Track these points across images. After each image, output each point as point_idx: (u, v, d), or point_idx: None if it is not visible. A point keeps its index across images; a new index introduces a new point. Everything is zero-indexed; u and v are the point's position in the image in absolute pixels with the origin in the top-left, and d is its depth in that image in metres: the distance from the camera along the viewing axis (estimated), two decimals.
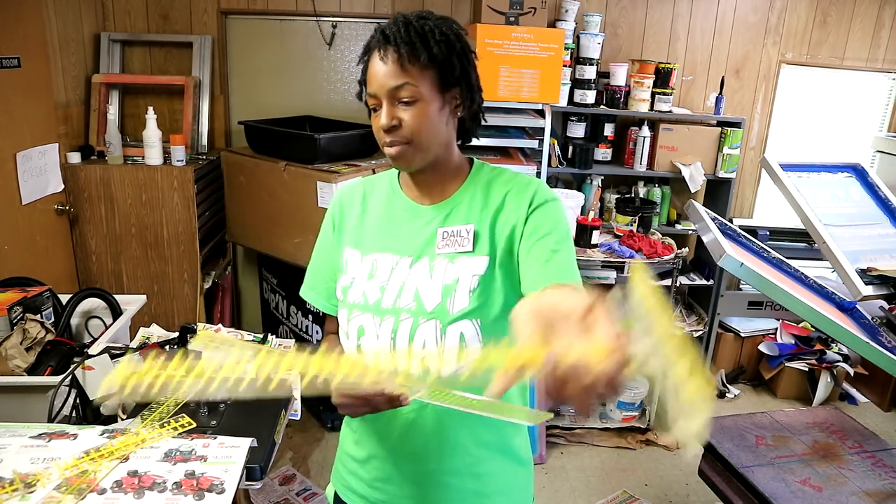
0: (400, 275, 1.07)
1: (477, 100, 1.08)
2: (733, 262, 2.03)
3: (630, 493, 2.75)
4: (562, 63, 2.92)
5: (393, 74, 0.99)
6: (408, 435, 1.09)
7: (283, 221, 2.84)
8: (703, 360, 3.68)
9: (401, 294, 1.05)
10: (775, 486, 1.92)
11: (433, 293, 1.03)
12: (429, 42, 0.99)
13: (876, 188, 2.61)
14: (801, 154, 3.75)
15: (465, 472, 1.11)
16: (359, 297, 1.09)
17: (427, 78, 1.00)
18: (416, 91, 0.99)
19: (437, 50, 0.99)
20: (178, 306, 2.95)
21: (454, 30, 1.04)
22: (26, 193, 2.42)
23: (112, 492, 1.04)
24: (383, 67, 0.99)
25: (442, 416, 1.07)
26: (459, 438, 1.09)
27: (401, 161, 1.04)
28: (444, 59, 1.01)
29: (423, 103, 1.00)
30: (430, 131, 1.02)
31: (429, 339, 1.03)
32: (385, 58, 0.99)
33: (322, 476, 2.72)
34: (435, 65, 1.00)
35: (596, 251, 2.92)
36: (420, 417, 1.07)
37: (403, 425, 1.09)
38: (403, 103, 1.00)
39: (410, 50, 0.98)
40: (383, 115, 1.01)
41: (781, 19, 3.54)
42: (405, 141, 1.02)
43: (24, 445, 1.13)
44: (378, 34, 1.01)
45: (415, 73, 0.99)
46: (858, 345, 2.04)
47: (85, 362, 1.36)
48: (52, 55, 2.66)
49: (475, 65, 1.07)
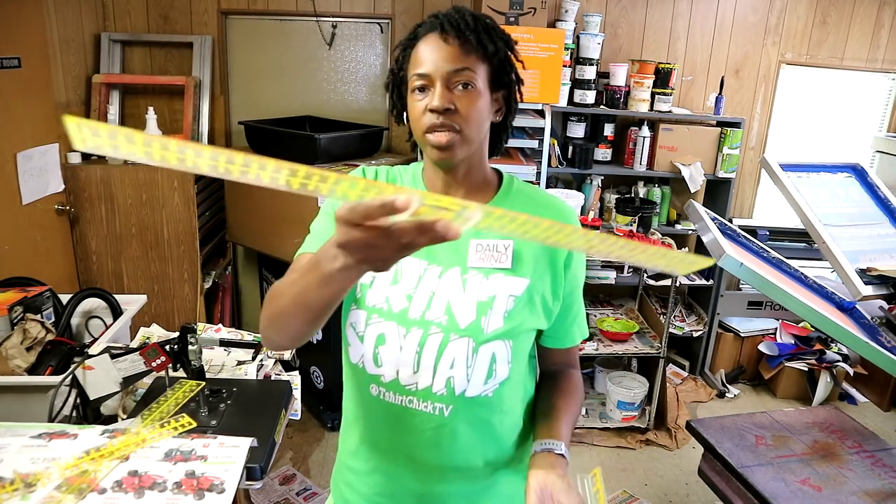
0: (429, 284, 1.00)
1: (514, 109, 1.06)
2: (733, 262, 2.03)
3: (630, 493, 2.75)
4: (562, 63, 2.92)
5: (455, 58, 0.95)
6: (420, 453, 1.04)
7: (283, 221, 2.84)
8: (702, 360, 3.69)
9: (430, 305, 0.99)
10: (775, 486, 1.92)
11: (467, 309, 0.98)
12: (493, 37, 0.97)
13: (876, 188, 2.61)
14: (800, 154, 3.75)
15: (475, 496, 1.08)
16: (381, 301, 1.01)
17: (483, 71, 0.97)
18: (475, 78, 0.96)
19: (500, 46, 0.98)
20: (179, 306, 2.95)
21: (507, 35, 1.02)
22: (27, 193, 2.42)
23: (112, 491, 1.04)
24: (445, 49, 0.95)
25: (461, 437, 1.02)
26: (473, 461, 1.05)
27: (446, 151, 0.96)
28: (502, 59, 0.99)
29: (477, 93, 0.96)
30: (479, 123, 0.98)
31: (458, 358, 0.98)
32: (448, 40, 0.95)
33: (322, 476, 2.72)
34: (492, 61, 0.98)
35: None
36: (438, 435, 1.02)
37: (418, 443, 1.03)
38: (460, 89, 0.95)
39: (476, 38, 0.95)
40: (437, 96, 0.94)
41: (781, 19, 3.54)
42: (455, 129, 0.95)
43: (25, 445, 1.13)
44: (437, 18, 0.97)
45: (475, 61, 0.96)
46: (858, 345, 2.04)
47: (85, 362, 1.36)
48: (53, 55, 2.66)
49: (520, 76, 1.05)
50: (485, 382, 1.01)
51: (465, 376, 0.99)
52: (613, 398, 3.10)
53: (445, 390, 1.00)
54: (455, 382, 0.99)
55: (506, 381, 1.03)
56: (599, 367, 3.36)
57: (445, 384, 0.99)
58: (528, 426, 1.13)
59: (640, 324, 3.27)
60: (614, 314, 3.45)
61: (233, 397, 1.43)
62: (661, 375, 3.07)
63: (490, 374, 1.01)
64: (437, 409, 1.01)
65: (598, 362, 3.39)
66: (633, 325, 3.20)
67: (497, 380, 1.02)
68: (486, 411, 1.03)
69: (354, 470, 1.12)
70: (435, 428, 1.01)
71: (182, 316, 2.95)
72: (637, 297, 3.54)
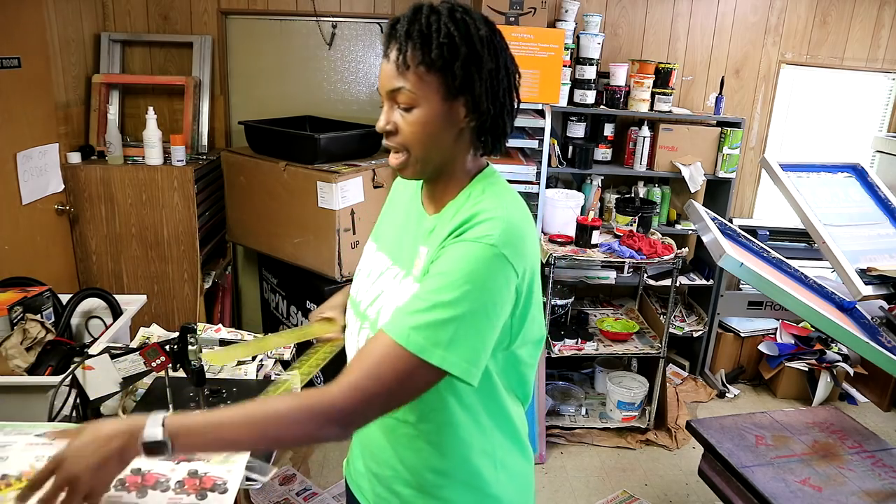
0: (382, 283, 1.05)
1: (490, 111, 0.94)
2: (733, 262, 2.04)
3: (630, 493, 2.75)
4: (562, 63, 2.92)
5: (391, 76, 0.92)
6: (372, 436, 1.08)
7: (283, 221, 2.84)
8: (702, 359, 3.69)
9: (373, 302, 1.04)
10: (775, 486, 1.92)
11: (389, 310, 0.99)
12: (430, 44, 0.89)
13: (876, 188, 2.61)
14: (800, 154, 3.75)
15: (419, 489, 1.04)
16: (354, 291, 1.12)
17: (429, 83, 0.90)
18: (412, 97, 0.91)
19: (437, 54, 0.89)
20: (178, 306, 2.95)
21: (470, 31, 0.91)
22: (26, 193, 2.42)
23: (115, 490, 1.04)
24: (385, 66, 0.93)
25: (392, 430, 1.03)
26: (412, 457, 1.03)
27: (402, 171, 0.98)
28: (444, 66, 0.90)
29: (421, 111, 0.91)
30: (427, 141, 0.93)
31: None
32: (388, 55, 0.93)
33: (322, 476, 2.72)
34: (436, 70, 0.90)
35: (596, 251, 2.92)
36: (378, 422, 0.97)
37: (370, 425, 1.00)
38: (402, 108, 0.93)
39: (411, 51, 0.89)
40: (381, 116, 0.96)
41: (781, 19, 3.54)
42: (401, 148, 0.95)
43: (30, 443, 1.14)
44: (388, 26, 0.94)
45: (414, 76, 0.90)
46: (858, 345, 2.04)
47: (85, 362, 1.36)
48: (53, 55, 2.66)
49: (497, 71, 0.93)
50: None
51: None
52: (613, 398, 3.10)
53: None
54: None
55: None
56: (599, 367, 3.36)
57: None
58: (458, 458, 1.04)
59: (641, 324, 3.28)
60: (614, 314, 3.46)
61: (233, 397, 1.43)
62: (662, 375, 3.07)
63: None
64: None
65: (598, 362, 3.39)
66: (634, 325, 3.20)
67: None
68: (406, 413, 1.00)
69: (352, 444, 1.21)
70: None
71: (182, 316, 2.95)
72: (637, 297, 3.54)
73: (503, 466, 1.07)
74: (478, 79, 0.92)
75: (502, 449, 1.07)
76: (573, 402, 3.23)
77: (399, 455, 1.05)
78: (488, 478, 1.05)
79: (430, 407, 0.99)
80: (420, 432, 1.01)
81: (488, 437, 1.04)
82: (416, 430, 1.01)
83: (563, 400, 3.23)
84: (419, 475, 1.04)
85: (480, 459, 1.03)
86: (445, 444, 1.01)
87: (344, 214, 2.65)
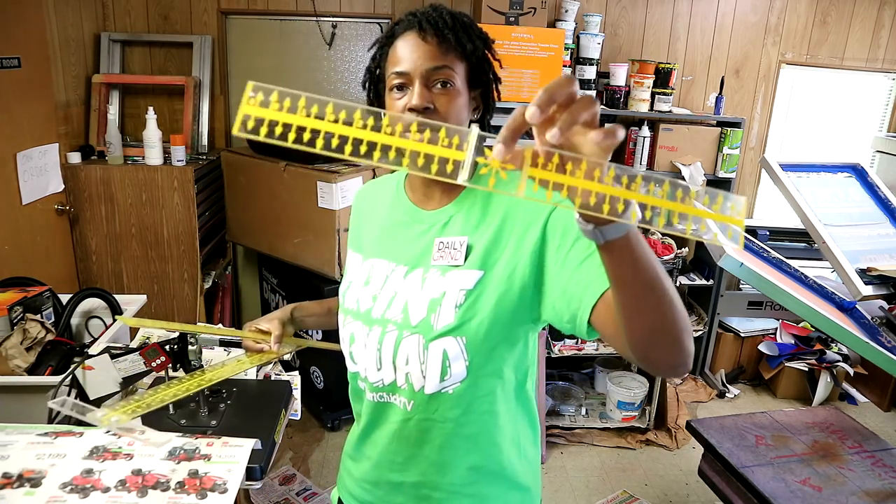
0: (393, 284, 1.03)
1: (492, 108, 1.06)
2: (733, 262, 2.04)
3: (630, 492, 2.76)
4: (562, 63, 2.92)
5: (433, 56, 0.94)
6: (392, 444, 1.07)
7: (283, 221, 2.84)
8: (702, 359, 3.69)
9: (391, 305, 1.02)
10: (775, 486, 1.92)
11: (420, 306, 0.99)
12: (471, 35, 0.98)
13: (876, 188, 2.62)
14: (800, 154, 3.76)
15: (452, 490, 1.06)
16: (353, 303, 1.07)
17: (461, 69, 0.98)
18: (453, 76, 0.96)
19: (477, 45, 0.99)
20: (178, 306, 2.95)
21: (486, 37, 1.03)
22: (26, 193, 2.42)
23: (116, 490, 1.04)
24: (423, 47, 0.95)
25: (426, 432, 1.04)
26: (445, 457, 1.04)
27: None
28: (480, 57, 1.00)
29: (456, 91, 0.97)
30: (458, 122, 0.97)
31: (412, 355, 0.99)
32: (426, 38, 0.95)
33: (322, 476, 2.72)
34: (470, 59, 0.99)
35: None
36: (404, 428, 1.04)
37: (390, 434, 1.06)
38: (439, 87, 0.95)
39: (455, 37, 0.96)
40: (416, 94, 0.93)
41: (781, 19, 3.54)
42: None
43: (31, 442, 1.14)
44: (415, 16, 0.97)
45: (453, 59, 0.96)
46: (858, 345, 2.04)
47: (85, 362, 1.36)
48: (53, 55, 2.66)
49: (498, 75, 1.05)
50: (441, 380, 0.98)
51: (421, 373, 0.99)
52: (613, 398, 3.10)
53: (406, 386, 1.01)
54: (412, 379, 1.00)
55: (467, 382, 0.99)
56: (599, 367, 3.36)
57: (405, 380, 1.01)
58: (515, 450, 1.08)
59: None
60: None
61: (233, 397, 1.43)
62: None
63: (444, 372, 0.98)
64: (402, 403, 1.03)
65: (599, 362, 3.39)
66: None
67: (454, 378, 0.99)
68: (450, 409, 1.01)
69: (352, 456, 1.18)
70: (402, 421, 1.04)
71: (182, 316, 2.95)
72: None
73: (524, 454, 1.11)
74: (493, 77, 1.04)
75: (525, 437, 1.10)
76: (573, 402, 3.23)
77: (431, 458, 1.05)
78: (516, 467, 1.09)
79: (479, 395, 1.01)
80: (459, 427, 1.02)
81: (515, 424, 1.08)
82: (455, 425, 1.02)
83: (563, 400, 3.23)
84: (453, 474, 1.05)
85: (510, 449, 1.07)
86: (482, 436, 1.04)
87: (344, 214, 2.65)
